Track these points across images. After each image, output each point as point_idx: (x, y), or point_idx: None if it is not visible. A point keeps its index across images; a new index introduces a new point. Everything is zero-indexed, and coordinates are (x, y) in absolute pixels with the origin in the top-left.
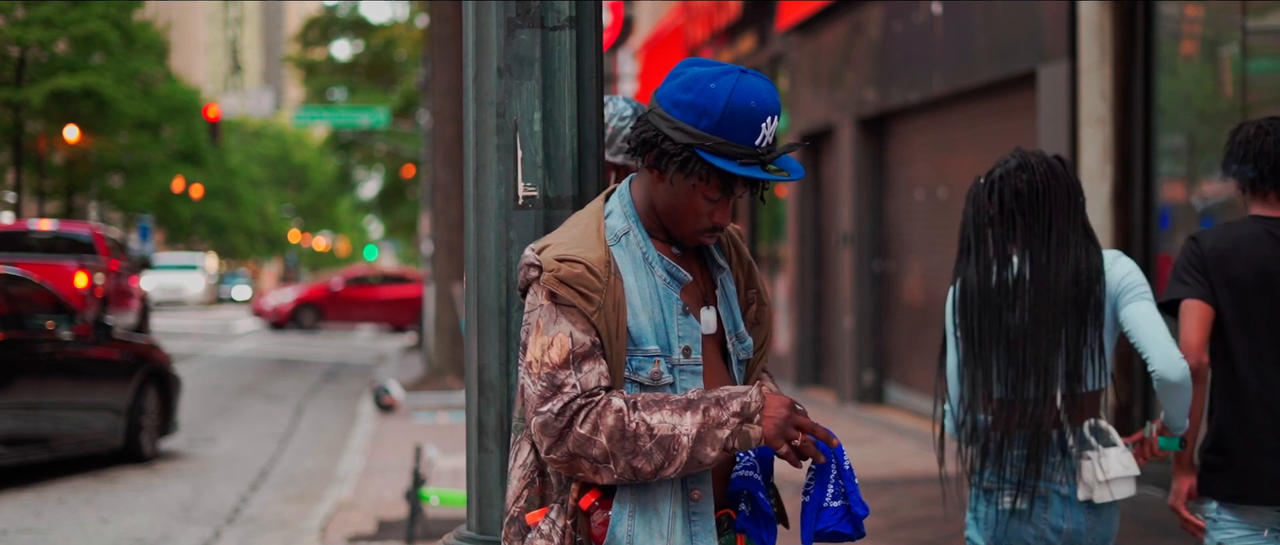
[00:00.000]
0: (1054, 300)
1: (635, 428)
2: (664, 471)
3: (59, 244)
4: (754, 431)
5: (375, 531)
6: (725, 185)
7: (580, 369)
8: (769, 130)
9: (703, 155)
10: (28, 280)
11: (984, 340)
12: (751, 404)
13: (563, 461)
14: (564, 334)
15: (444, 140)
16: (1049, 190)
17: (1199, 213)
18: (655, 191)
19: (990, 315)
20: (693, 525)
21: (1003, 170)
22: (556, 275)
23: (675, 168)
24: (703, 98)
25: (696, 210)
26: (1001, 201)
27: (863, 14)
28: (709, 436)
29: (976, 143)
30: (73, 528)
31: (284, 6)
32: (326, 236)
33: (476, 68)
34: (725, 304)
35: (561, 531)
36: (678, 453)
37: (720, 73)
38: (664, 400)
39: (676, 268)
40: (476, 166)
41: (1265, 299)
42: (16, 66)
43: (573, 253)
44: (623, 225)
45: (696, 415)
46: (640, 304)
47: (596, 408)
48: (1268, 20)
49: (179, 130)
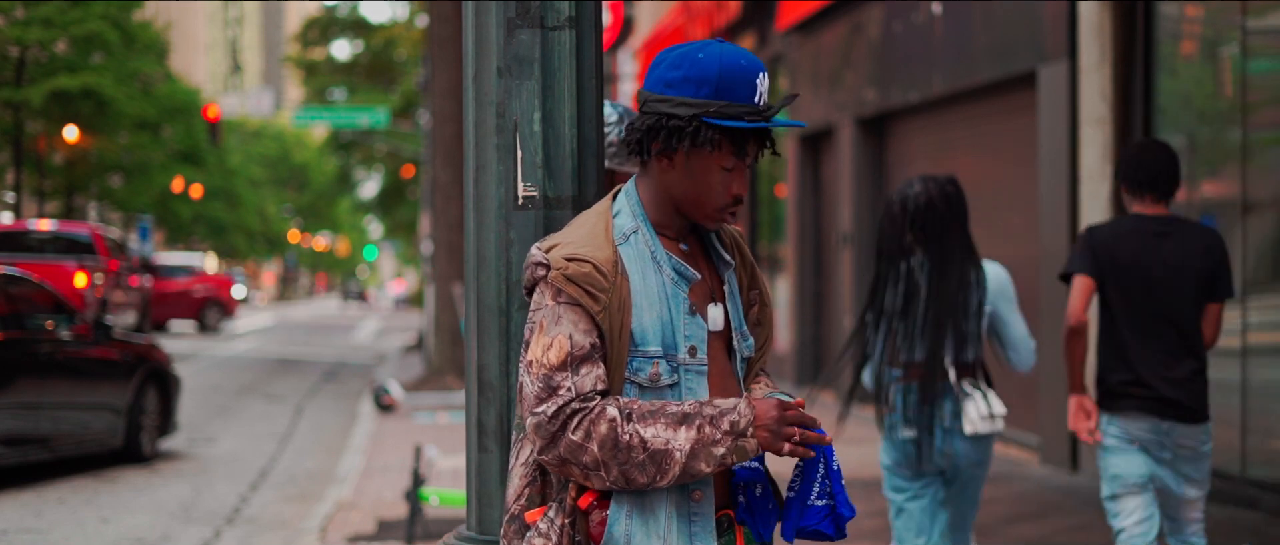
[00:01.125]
0: (946, 296)
1: (629, 439)
2: (657, 483)
3: (59, 244)
4: (750, 445)
5: (375, 531)
6: (738, 149)
7: (577, 372)
8: (763, 87)
9: (710, 120)
10: (28, 280)
11: (897, 320)
12: (741, 421)
13: (555, 464)
14: (564, 335)
15: (444, 140)
16: (943, 209)
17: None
18: (668, 181)
19: (901, 302)
20: (692, 526)
21: (909, 192)
22: (564, 273)
23: (687, 142)
24: (695, 69)
25: (714, 185)
26: (908, 217)
27: (863, 14)
28: (703, 453)
29: (976, 143)
30: (73, 528)
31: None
32: (326, 236)
33: (476, 68)
34: (731, 301)
35: (559, 530)
36: (670, 467)
37: (702, 45)
38: (659, 412)
39: (685, 266)
40: (476, 166)
41: (1137, 275)
42: (16, 66)
43: (581, 252)
44: (631, 224)
45: (691, 431)
46: (646, 304)
47: (590, 415)
48: (1268, 20)
49: (179, 130)
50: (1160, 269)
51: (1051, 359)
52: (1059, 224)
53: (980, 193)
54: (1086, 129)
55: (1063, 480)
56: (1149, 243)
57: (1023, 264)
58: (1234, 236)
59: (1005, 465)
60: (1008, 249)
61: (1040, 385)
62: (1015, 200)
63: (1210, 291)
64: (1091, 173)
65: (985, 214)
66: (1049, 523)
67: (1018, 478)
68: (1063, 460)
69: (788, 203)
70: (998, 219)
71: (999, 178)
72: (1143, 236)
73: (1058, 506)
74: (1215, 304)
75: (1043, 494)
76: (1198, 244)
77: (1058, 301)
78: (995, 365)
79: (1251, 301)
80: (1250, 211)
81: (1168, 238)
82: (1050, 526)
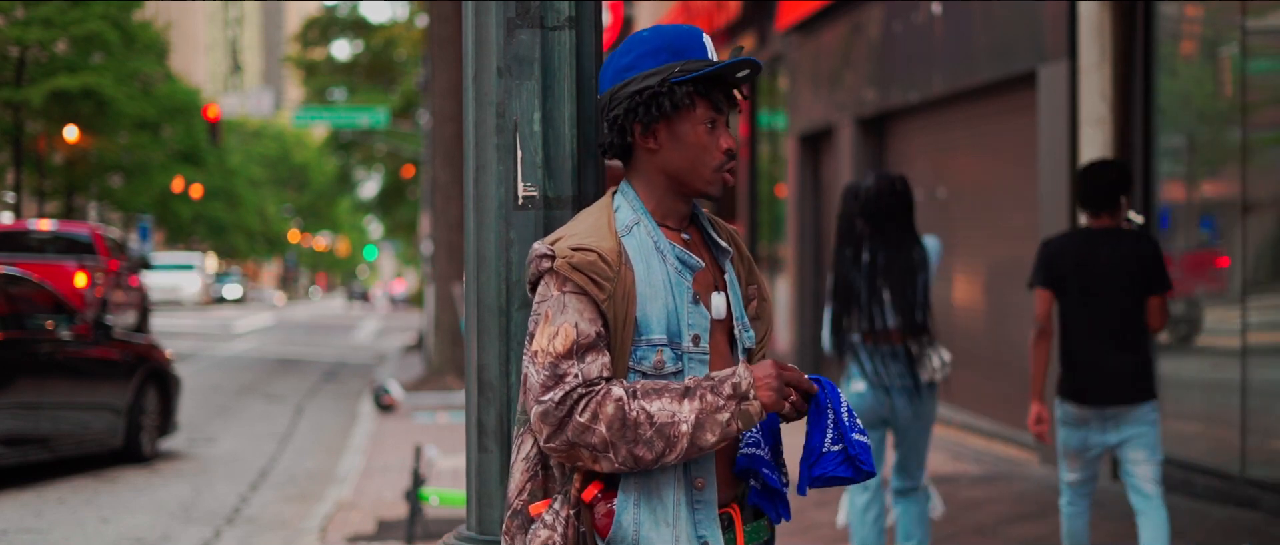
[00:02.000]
0: (900, 272)
1: (635, 416)
2: (666, 458)
3: (58, 244)
4: (753, 407)
5: (375, 531)
6: (714, 103)
7: (583, 360)
8: (711, 45)
9: (679, 79)
10: (28, 280)
11: (859, 292)
12: (742, 383)
13: (562, 450)
14: (570, 324)
15: (444, 140)
16: (890, 199)
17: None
18: (660, 162)
19: (860, 277)
20: (697, 513)
21: (862, 184)
22: (570, 262)
23: (666, 105)
24: (645, 45)
25: (702, 144)
26: (863, 207)
27: (863, 14)
28: (708, 422)
29: (976, 143)
30: (73, 528)
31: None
32: (326, 236)
33: (476, 68)
34: (732, 290)
35: (565, 522)
36: (678, 440)
37: (637, 32)
38: (663, 388)
39: (689, 255)
40: (476, 166)
41: (1079, 279)
42: (16, 66)
43: (586, 242)
44: (632, 216)
45: (694, 402)
46: (650, 293)
47: (596, 397)
48: (1268, 20)
49: (179, 130)
50: (1099, 272)
51: (1052, 360)
52: (1059, 224)
53: (980, 193)
54: (1086, 129)
55: None
56: (1089, 250)
57: (1023, 264)
58: (1234, 236)
59: (1005, 465)
60: (1008, 249)
61: None
62: (1015, 200)
63: (1148, 287)
64: None
65: (985, 214)
66: (1049, 523)
67: (1018, 478)
68: None
69: (788, 203)
70: (998, 219)
71: (999, 178)
72: (1084, 245)
73: (1057, 506)
74: (1156, 297)
75: (1043, 494)
76: (1131, 249)
77: None
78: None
79: (1251, 301)
80: (1250, 211)
81: (1105, 245)
82: (1050, 526)
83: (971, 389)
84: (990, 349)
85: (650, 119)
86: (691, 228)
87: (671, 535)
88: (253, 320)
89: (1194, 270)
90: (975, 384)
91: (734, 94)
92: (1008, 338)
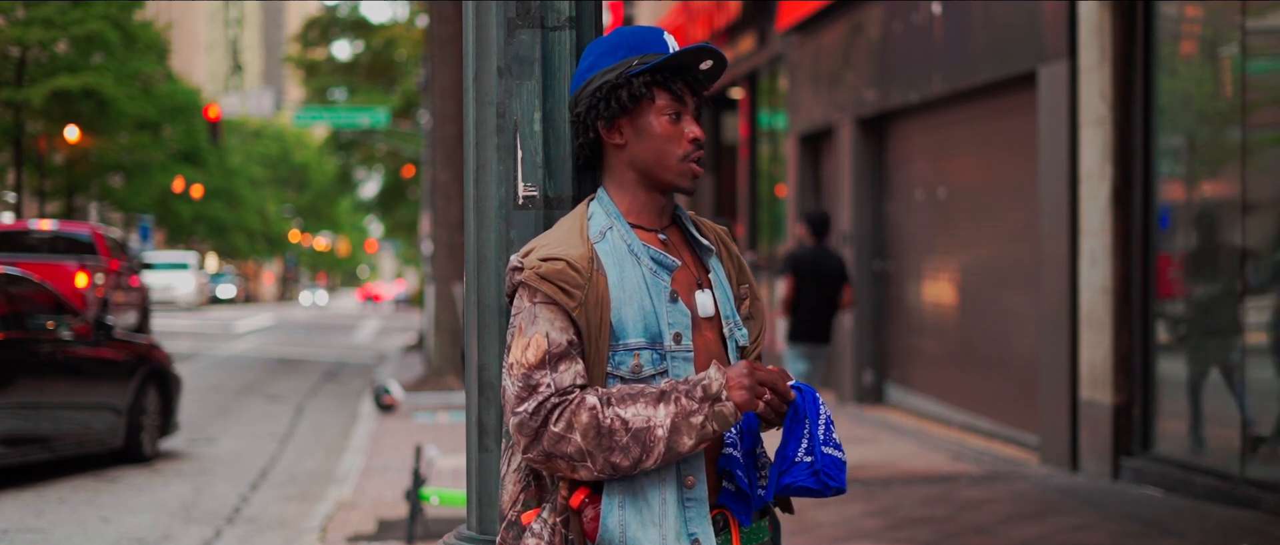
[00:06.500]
0: (832, 278)
1: (610, 423)
2: (644, 464)
3: (59, 244)
4: (727, 408)
5: (375, 531)
6: (676, 96)
7: (556, 369)
8: (672, 41)
9: (636, 71)
10: (28, 280)
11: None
12: (713, 384)
13: (540, 460)
14: (541, 334)
15: (444, 140)
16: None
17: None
18: (627, 157)
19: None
20: (687, 511)
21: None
22: (537, 272)
23: (625, 97)
24: (603, 45)
25: (666, 134)
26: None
27: (862, 14)
28: (684, 425)
29: (976, 143)
30: (73, 527)
31: (284, 6)
32: (326, 236)
33: (476, 68)
34: (720, 289)
35: (552, 529)
36: (654, 445)
37: (596, 38)
38: (638, 393)
39: (663, 255)
40: (476, 166)
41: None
42: (17, 66)
43: (555, 251)
44: (605, 222)
45: (670, 406)
46: (626, 297)
47: (570, 406)
48: (1268, 20)
49: (179, 130)
50: (821, 271)
51: (1052, 360)
52: (1059, 224)
53: (980, 193)
54: (1086, 129)
55: (1062, 480)
56: (814, 260)
57: (1023, 263)
58: (1233, 236)
59: (1005, 465)
60: (1008, 248)
61: (1040, 386)
62: (1015, 200)
63: (843, 280)
64: (1091, 173)
65: (985, 214)
66: (1049, 522)
67: (1018, 477)
68: (1063, 460)
69: (788, 203)
70: (998, 219)
71: (999, 178)
72: (812, 256)
73: (1057, 506)
74: (847, 286)
75: (1043, 494)
76: (836, 260)
77: (1057, 301)
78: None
79: (1251, 301)
80: (1250, 211)
81: (822, 257)
82: (1050, 526)
83: (971, 389)
84: (990, 349)
85: (612, 113)
86: (672, 228)
87: (659, 535)
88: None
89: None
90: (975, 384)
91: (698, 85)
92: (1007, 338)
